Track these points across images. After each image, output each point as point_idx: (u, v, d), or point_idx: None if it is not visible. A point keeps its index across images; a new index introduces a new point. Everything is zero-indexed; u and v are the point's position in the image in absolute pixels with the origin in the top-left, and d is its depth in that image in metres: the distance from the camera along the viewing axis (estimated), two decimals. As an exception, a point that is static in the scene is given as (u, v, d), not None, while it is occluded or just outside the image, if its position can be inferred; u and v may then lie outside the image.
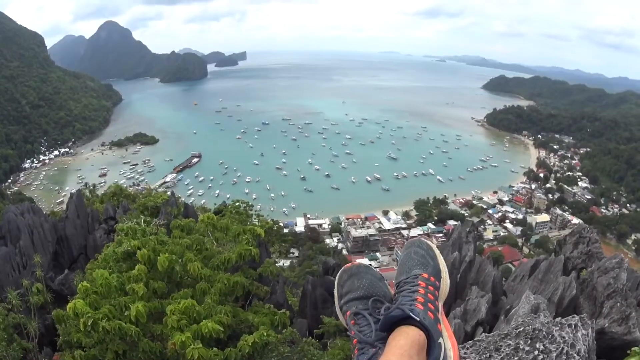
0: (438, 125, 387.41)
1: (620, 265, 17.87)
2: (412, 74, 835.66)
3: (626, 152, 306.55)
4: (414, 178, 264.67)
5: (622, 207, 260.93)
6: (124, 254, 13.77)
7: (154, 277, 12.92)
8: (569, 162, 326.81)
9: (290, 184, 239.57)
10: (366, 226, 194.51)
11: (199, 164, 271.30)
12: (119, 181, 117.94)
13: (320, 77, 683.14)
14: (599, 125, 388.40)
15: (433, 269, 3.38)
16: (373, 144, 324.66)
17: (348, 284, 3.37)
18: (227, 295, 13.66)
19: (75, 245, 26.95)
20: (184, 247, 14.20)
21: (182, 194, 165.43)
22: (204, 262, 14.05)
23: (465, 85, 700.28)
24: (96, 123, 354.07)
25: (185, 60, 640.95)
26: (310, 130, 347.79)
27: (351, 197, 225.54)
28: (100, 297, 11.73)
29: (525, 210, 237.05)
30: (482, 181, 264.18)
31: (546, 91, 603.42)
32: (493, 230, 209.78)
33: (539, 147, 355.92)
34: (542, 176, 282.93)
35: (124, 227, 15.11)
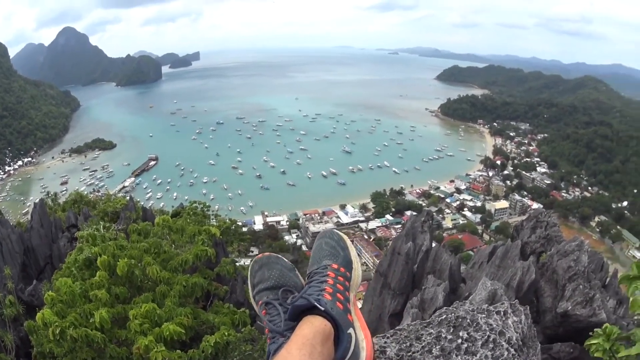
0: (392, 118, 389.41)
1: (580, 248, 18.08)
2: (365, 68, 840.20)
3: (586, 136, 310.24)
4: (369, 171, 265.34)
5: (584, 190, 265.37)
6: (85, 261, 13.79)
7: (115, 282, 12.97)
8: (527, 149, 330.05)
9: (247, 182, 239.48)
10: (324, 221, 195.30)
11: (156, 166, 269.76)
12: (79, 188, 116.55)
13: (275, 74, 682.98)
14: (556, 111, 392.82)
15: (343, 260, 3.39)
16: (327, 138, 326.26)
17: (259, 274, 3.42)
18: (187, 297, 13.71)
19: (41, 255, 26.88)
20: (142, 251, 14.21)
21: (141, 198, 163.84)
22: (163, 264, 14.07)
23: (418, 76, 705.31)
24: (56, 131, 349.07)
25: (140, 63, 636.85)
26: (265, 127, 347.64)
27: (308, 193, 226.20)
28: (66, 306, 11.78)
29: (484, 197, 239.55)
30: (438, 171, 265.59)
31: (501, 79, 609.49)
32: (452, 218, 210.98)
33: (495, 135, 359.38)
34: (499, 163, 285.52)
35: (84, 235, 15.15)
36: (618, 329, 5.37)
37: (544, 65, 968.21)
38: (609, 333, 5.43)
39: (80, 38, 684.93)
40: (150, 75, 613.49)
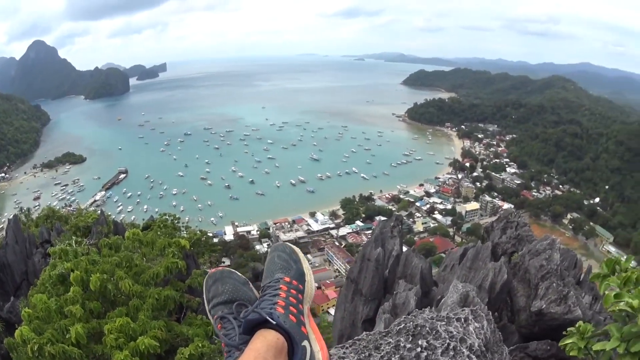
0: (359, 124, 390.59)
1: (552, 246, 18.18)
2: (331, 75, 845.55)
3: (555, 135, 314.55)
4: (337, 178, 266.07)
5: (555, 188, 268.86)
6: (59, 277, 13.78)
7: (89, 297, 12.96)
8: (495, 150, 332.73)
9: (216, 193, 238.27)
10: (294, 229, 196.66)
11: (126, 179, 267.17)
12: (51, 203, 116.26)
13: (241, 83, 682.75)
14: (524, 112, 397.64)
15: (296, 273, 3.45)
16: (295, 147, 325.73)
17: (213, 289, 3.47)
18: (160, 310, 13.71)
19: (17, 271, 26.76)
20: (114, 265, 14.20)
21: (112, 212, 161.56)
22: (135, 278, 14.07)
23: (384, 82, 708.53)
24: (27, 145, 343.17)
25: (108, 75, 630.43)
26: (232, 137, 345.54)
27: (277, 202, 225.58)
28: (42, 322, 11.81)
29: (454, 200, 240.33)
30: (407, 175, 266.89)
31: (468, 82, 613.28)
32: (423, 222, 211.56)
33: (463, 138, 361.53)
34: (468, 165, 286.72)
35: (56, 250, 15.12)
36: (592, 327, 5.49)
37: (510, 66, 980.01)
38: (583, 331, 5.56)
39: (49, 51, 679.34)
40: (118, 88, 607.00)
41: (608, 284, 5.73)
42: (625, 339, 4.77)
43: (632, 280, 5.42)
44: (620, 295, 5.00)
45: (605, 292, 5.50)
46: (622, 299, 4.99)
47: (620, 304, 4.92)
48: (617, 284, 5.59)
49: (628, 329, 4.71)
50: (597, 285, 5.96)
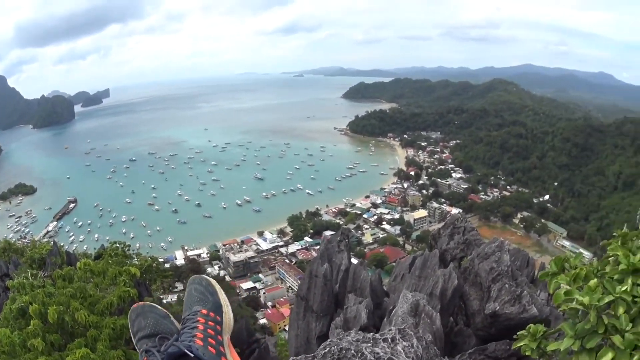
0: (301, 140, 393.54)
1: (501, 248, 18.42)
2: (271, 92, 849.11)
3: (499, 137, 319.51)
4: (283, 195, 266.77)
5: (502, 190, 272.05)
6: (19, 311, 13.78)
7: (49, 330, 12.99)
8: (440, 156, 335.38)
9: (164, 218, 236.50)
10: (244, 249, 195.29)
11: (76, 209, 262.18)
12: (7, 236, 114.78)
13: (183, 106, 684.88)
14: (466, 117, 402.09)
15: (213, 305, 3.58)
16: (239, 167, 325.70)
17: (136, 323, 3.53)
18: (118, 339, 13.73)
19: (-20, 306, 26.55)
20: (69, 296, 14.19)
21: (65, 242, 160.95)
22: (90, 308, 14.07)
23: (324, 96, 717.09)
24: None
25: (54, 104, 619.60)
26: (176, 161, 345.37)
27: (224, 223, 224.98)
28: (8, 357, 11.83)
29: (401, 209, 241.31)
30: (352, 188, 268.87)
31: (408, 92, 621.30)
32: (371, 233, 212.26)
33: (406, 147, 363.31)
34: (413, 174, 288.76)
35: (14, 284, 15.15)
36: (543, 327, 5.69)
37: (451, 73, 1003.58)
38: (534, 332, 5.76)
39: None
40: (64, 116, 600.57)
41: (557, 282, 5.90)
42: (579, 336, 4.96)
43: (581, 277, 5.59)
44: (570, 292, 5.18)
45: (554, 290, 5.70)
46: (572, 296, 5.18)
47: (571, 303, 5.12)
48: (566, 281, 5.75)
49: (581, 326, 4.88)
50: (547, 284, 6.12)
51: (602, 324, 4.86)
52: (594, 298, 4.88)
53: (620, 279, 5.63)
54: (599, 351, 4.86)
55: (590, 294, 4.97)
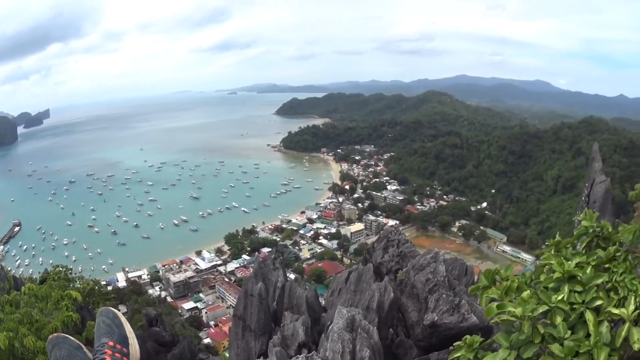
0: (235, 158, 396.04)
1: (436, 259, 18.67)
2: (206, 111, 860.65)
3: (434, 148, 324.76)
4: (219, 214, 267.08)
5: (439, 199, 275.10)
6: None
7: (1, 356, 12.99)
8: (374, 169, 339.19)
9: (104, 240, 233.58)
10: (183, 269, 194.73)
11: (20, 232, 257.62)
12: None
13: (119, 126, 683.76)
14: (400, 129, 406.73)
15: (119, 337, 3.73)
16: (174, 186, 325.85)
17: (53, 354, 3.68)
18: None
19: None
20: (17, 322, 14.20)
21: (12, 266, 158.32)
22: (37, 334, 14.09)
23: (257, 113, 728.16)
24: None
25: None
26: (114, 182, 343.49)
27: (163, 244, 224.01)
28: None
29: (337, 223, 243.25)
30: (287, 204, 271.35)
31: (342, 106, 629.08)
32: (309, 248, 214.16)
33: (340, 161, 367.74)
34: (348, 188, 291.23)
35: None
36: (479, 337, 5.91)
37: (385, 86, 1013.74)
38: (471, 343, 5.98)
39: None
40: (8, 137, 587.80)
41: (488, 296, 6.12)
42: (515, 347, 5.17)
43: (513, 289, 5.83)
44: (503, 305, 5.40)
45: (485, 304, 5.92)
46: (504, 309, 5.40)
47: (503, 315, 5.34)
48: (498, 294, 5.98)
49: (516, 336, 5.08)
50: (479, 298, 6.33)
51: (538, 333, 5.06)
52: (527, 309, 5.08)
53: (557, 287, 5.86)
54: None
55: (523, 305, 5.17)
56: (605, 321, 5.50)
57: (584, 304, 5.60)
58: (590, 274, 5.93)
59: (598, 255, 6.57)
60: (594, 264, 6.35)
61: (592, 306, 5.60)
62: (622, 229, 6.99)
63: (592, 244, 7.34)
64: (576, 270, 5.95)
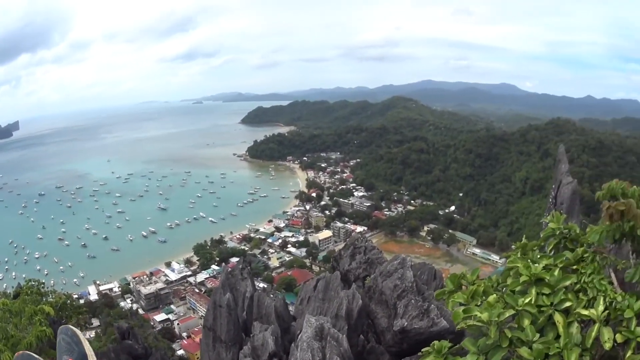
0: (202, 168, 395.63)
1: (403, 265, 18.82)
2: (172, 121, 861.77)
3: (400, 153, 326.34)
4: (187, 224, 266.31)
5: (407, 204, 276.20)
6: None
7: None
8: (341, 176, 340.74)
9: (74, 253, 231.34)
10: (153, 281, 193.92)
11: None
12: None
13: (87, 137, 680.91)
14: (366, 136, 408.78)
15: (78, 354, 3.79)
16: (142, 197, 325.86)
17: None
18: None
19: None
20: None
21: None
22: (13, 349, 14.07)
23: (223, 123, 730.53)
24: None
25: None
26: (83, 194, 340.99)
27: (132, 256, 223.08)
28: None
29: (305, 231, 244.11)
30: (254, 213, 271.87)
31: (307, 114, 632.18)
32: (278, 257, 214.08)
33: (307, 169, 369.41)
34: (314, 195, 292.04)
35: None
36: (448, 343, 6.00)
37: (350, 93, 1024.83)
38: (440, 348, 6.07)
39: None
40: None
41: (454, 300, 6.21)
42: (482, 352, 5.26)
43: (479, 294, 5.93)
44: (469, 310, 5.50)
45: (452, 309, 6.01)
46: (471, 313, 5.49)
47: (469, 320, 5.43)
48: (464, 299, 6.07)
49: (483, 341, 5.17)
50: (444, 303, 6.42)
51: (505, 338, 5.16)
52: (493, 314, 5.17)
53: (524, 290, 5.97)
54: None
55: (489, 310, 5.26)
56: (575, 322, 5.59)
57: (552, 306, 5.69)
58: (558, 276, 6.04)
59: (566, 257, 6.68)
60: (561, 265, 6.45)
61: (561, 308, 5.68)
62: (589, 230, 7.12)
63: (559, 246, 7.45)
64: (543, 273, 6.05)
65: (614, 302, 5.85)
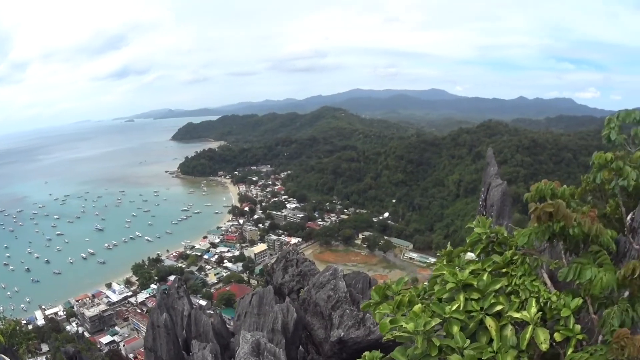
0: (135, 186, 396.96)
1: (335, 276, 19.06)
2: (105, 140, 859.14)
3: (331, 163, 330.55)
4: (124, 244, 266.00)
5: (340, 214, 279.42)
6: None
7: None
8: (272, 189, 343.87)
9: (19, 278, 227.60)
10: (96, 303, 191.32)
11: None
12: None
13: (25, 158, 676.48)
14: (296, 147, 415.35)
15: None
16: (79, 219, 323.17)
17: None
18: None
19: None
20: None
21: None
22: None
23: (154, 140, 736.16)
24: None
25: None
26: (23, 217, 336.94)
27: (74, 278, 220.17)
28: None
29: (240, 245, 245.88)
30: (189, 230, 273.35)
31: (236, 128, 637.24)
32: (215, 273, 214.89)
33: (238, 183, 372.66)
34: (247, 209, 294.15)
35: None
36: (379, 353, 6.11)
37: (278, 105, 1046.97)
38: (370, 359, 6.18)
39: None
40: None
41: (380, 312, 6.35)
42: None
43: (404, 304, 6.08)
44: (395, 320, 5.63)
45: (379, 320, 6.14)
46: (397, 324, 5.61)
47: (396, 331, 5.55)
48: (389, 310, 6.21)
49: (411, 351, 5.29)
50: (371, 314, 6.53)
51: (434, 346, 5.30)
52: (419, 323, 5.31)
53: (451, 297, 6.14)
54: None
55: (414, 320, 5.40)
56: (509, 325, 5.77)
57: (482, 311, 5.86)
58: (487, 280, 6.22)
59: (494, 261, 6.86)
60: (490, 270, 6.62)
61: (492, 312, 5.87)
62: (516, 233, 7.32)
63: (487, 250, 7.62)
64: (471, 279, 6.21)
65: (548, 302, 6.04)
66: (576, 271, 6.35)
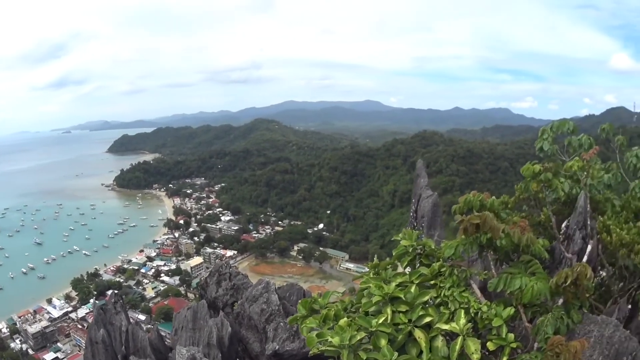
0: (72, 199, 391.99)
1: (267, 289, 19.01)
2: (43, 151, 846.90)
3: (264, 175, 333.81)
4: (62, 259, 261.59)
5: (274, 225, 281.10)
6: None
7: None
8: (207, 202, 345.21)
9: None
10: (38, 319, 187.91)
11: None
12: None
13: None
14: (229, 160, 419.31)
15: None
16: (19, 232, 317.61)
17: None
18: None
19: None
20: None
21: None
22: None
23: (90, 152, 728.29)
24: None
25: None
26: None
27: (16, 294, 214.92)
28: None
29: (176, 259, 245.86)
30: (126, 244, 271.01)
31: (170, 140, 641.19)
32: (153, 287, 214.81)
33: (173, 196, 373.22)
34: (182, 222, 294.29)
35: None
36: None
37: (212, 117, 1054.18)
38: None
39: None
40: None
41: (307, 326, 6.21)
42: None
43: (330, 317, 5.96)
44: (322, 334, 5.51)
45: (306, 333, 6.02)
46: (324, 337, 5.49)
47: (321, 346, 5.43)
48: (316, 323, 6.09)
49: None
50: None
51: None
52: (344, 337, 5.19)
53: (379, 310, 6.04)
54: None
55: (340, 334, 5.28)
56: (439, 336, 5.68)
57: (411, 323, 5.76)
58: (415, 293, 6.15)
59: (421, 273, 6.79)
60: (417, 282, 6.55)
61: (421, 324, 5.79)
62: (443, 245, 7.27)
63: (415, 262, 7.56)
64: (398, 291, 6.11)
65: (479, 313, 5.97)
66: (506, 281, 6.37)
